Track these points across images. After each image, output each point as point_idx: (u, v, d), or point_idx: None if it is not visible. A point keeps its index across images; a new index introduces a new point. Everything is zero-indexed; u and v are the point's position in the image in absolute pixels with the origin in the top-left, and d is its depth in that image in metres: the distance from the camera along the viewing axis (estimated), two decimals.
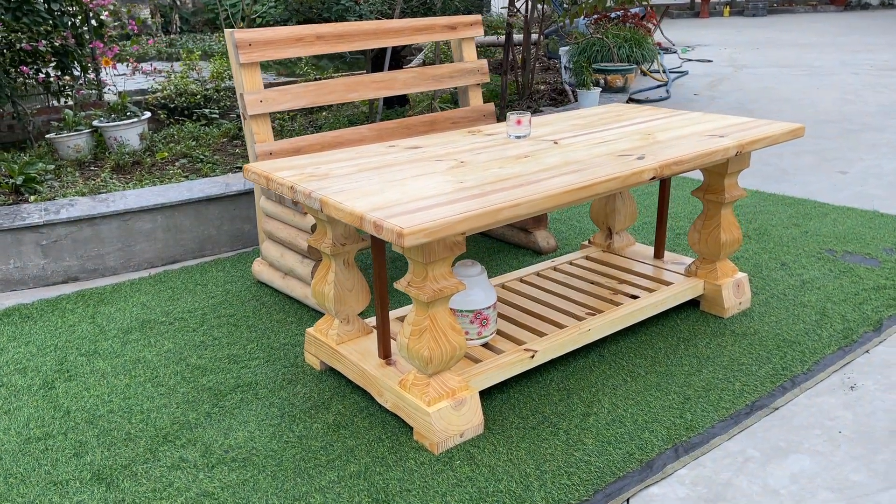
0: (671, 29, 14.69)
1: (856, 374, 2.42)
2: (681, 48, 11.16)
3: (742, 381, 2.37)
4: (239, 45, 2.89)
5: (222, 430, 2.17)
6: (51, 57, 5.72)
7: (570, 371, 2.46)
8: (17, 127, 5.87)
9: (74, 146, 4.99)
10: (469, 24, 3.55)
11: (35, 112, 5.82)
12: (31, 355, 2.64)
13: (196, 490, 1.92)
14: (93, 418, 2.25)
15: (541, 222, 3.50)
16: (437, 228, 1.76)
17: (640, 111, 3.05)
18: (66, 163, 4.78)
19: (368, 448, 2.08)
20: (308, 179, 2.15)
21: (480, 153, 2.41)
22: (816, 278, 3.10)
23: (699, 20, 17.20)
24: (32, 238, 3.18)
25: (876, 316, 2.76)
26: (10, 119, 5.78)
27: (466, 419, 2.11)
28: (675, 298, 2.74)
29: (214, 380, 2.45)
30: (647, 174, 2.20)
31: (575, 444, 2.08)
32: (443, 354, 2.05)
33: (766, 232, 3.64)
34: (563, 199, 2.00)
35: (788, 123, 2.68)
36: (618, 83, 5.64)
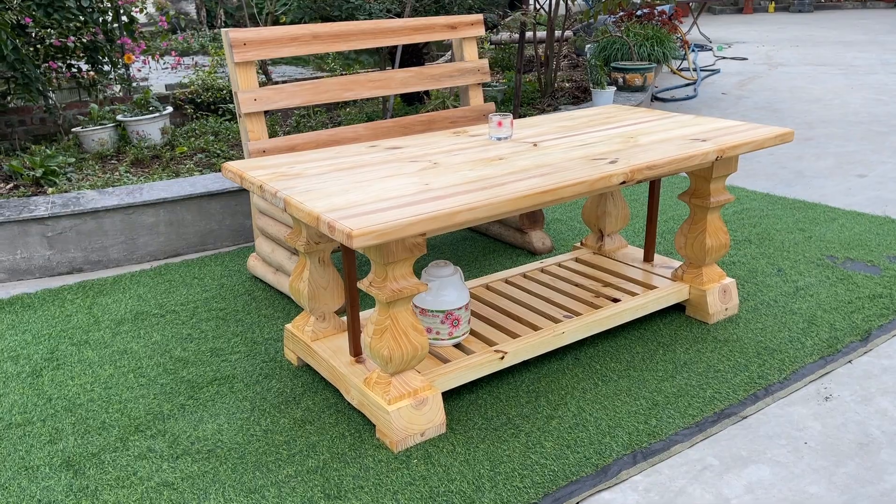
0: (712, 25, 14.44)
1: (833, 384, 2.38)
2: (717, 46, 10.97)
3: (714, 389, 2.34)
4: (233, 45, 2.95)
5: (193, 422, 2.23)
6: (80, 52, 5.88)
7: (543, 373, 2.46)
8: (48, 120, 6.05)
9: (99, 140, 5.13)
10: (470, 24, 3.56)
11: (65, 106, 5.99)
12: (26, 343, 2.74)
13: (157, 480, 1.98)
14: (72, 406, 2.33)
15: (536, 223, 3.50)
16: (388, 231, 1.78)
17: (632, 113, 3.03)
18: (89, 156, 4.92)
19: (330, 444, 2.12)
20: (278, 178, 2.19)
21: (457, 155, 2.43)
22: (811, 285, 3.04)
23: (742, 16, 16.87)
24: (38, 230, 3.29)
25: (865, 325, 2.70)
26: (42, 112, 5.96)
27: (427, 418, 2.14)
28: (657, 303, 2.72)
29: (194, 372, 2.51)
30: (616, 178, 2.19)
31: (534, 446, 2.09)
32: (403, 354, 2.07)
33: (769, 236, 3.58)
34: (523, 203, 2.01)
35: (776, 128, 2.64)
36: (637, 82, 5.59)
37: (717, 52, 10.31)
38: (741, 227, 3.72)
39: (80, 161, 4.81)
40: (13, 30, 5.48)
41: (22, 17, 5.54)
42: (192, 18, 12.31)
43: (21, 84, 5.49)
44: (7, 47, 5.24)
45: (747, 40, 11.81)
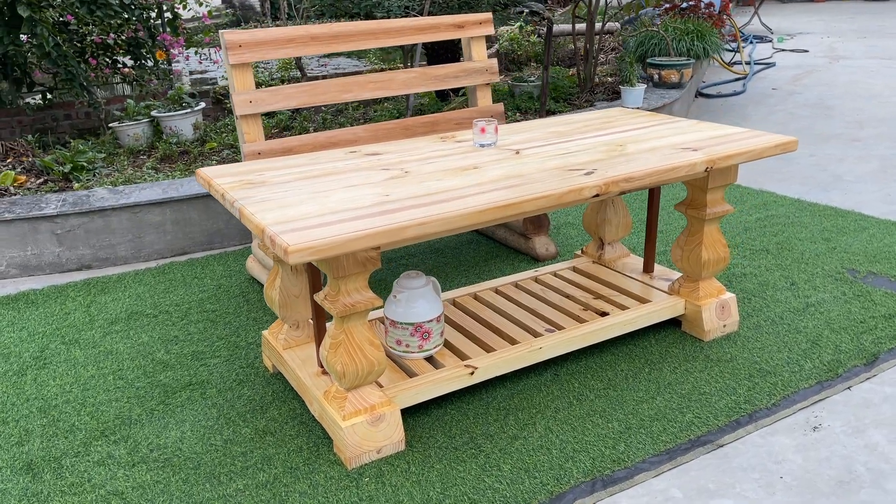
0: (778, 14, 13.88)
1: (826, 412, 2.23)
2: (777, 37, 10.53)
3: (695, 413, 2.22)
4: (229, 47, 2.94)
5: (157, 429, 2.24)
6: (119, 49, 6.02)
7: (518, 389, 2.38)
8: (93, 115, 6.20)
9: (133, 135, 5.24)
10: (478, 23, 3.47)
11: (108, 101, 6.14)
12: (20, 341, 2.80)
13: (109, 488, 1.99)
14: (47, 408, 2.37)
15: (541, 228, 3.40)
16: (326, 246, 1.74)
17: (634, 118, 2.90)
18: (122, 150, 5.03)
19: (286, 458, 2.09)
20: (243, 186, 2.16)
21: (432, 163, 2.36)
22: (824, 301, 2.87)
23: (813, 5, 16.16)
24: (48, 227, 3.37)
25: (873, 348, 2.53)
26: (87, 107, 6.11)
27: (385, 435, 2.09)
28: (648, 318, 2.61)
29: (172, 376, 2.52)
30: (588, 191, 2.09)
31: (491, 469, 2.02)
32: (358, 370, 2.03)
33: (789, 246, 3.39)
34: (479, 219, 1.93)
35: (778, 136, 2.49)
36: (673, 79, 5.39)
37: (777, 44, 9.90)
38: (761, 235, 3.54)
39: (111, 156, 4.92)
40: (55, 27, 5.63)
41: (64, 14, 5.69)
42: (256, 11, 12.48)
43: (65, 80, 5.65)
44: (49, 44, 5.39)
45: (813, 31, 11.30)
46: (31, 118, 5.94)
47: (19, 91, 6.03)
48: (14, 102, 5.49)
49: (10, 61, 5.65)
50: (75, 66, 5.67)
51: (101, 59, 5.87)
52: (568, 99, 6.15)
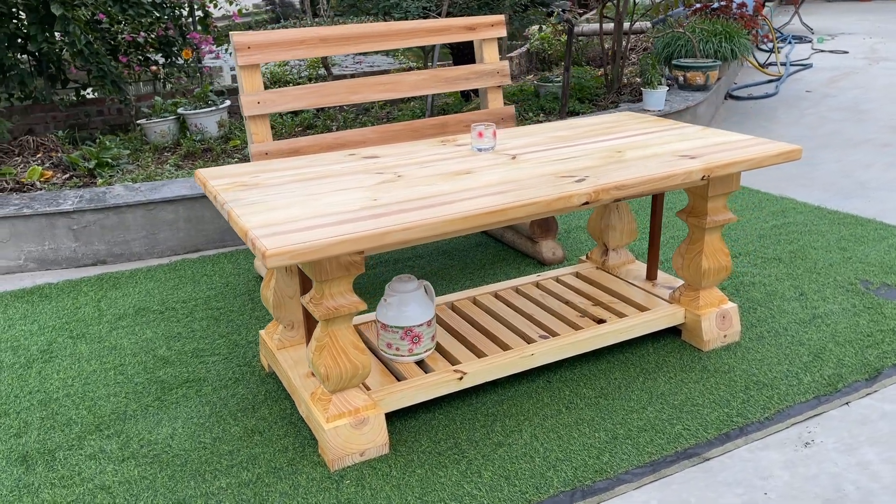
0: (822, 14, 13.57)
1: (820, 428, 2.18)
2: (817, 37, 10.29)
3: (685, 424, 2.19)
4: (237, 48, 2.98)
5: (150, 425, 2.28)
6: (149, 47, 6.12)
7: (508, 396, 2.37)
8: (125, 111, 6.33)
9: (160, 131, 5.34)
10: (490, 25, 3.46)
11: (138, 98, 6.26)
12: (31, 334, 2.87)
13: (97, 482, 2.03)
14: (48, 401, 2.43)
15: (548, 232, 3.38)
16: (305, 251, 1.75)
17: (640, 122, 2.86)
18: (148, 147, 5.13)
19: (271, 457, 2.12)
20: (236, 188, 2.19)
21: (428, 166, 2.37)
22: (832, 313, 2.80)
23: (858, 4, 15.75)
24: (65, 223, 3.45)
25: (877, 363, 2.47)
26: (118, 104, 6.24)
27: (368, 438, 2.10)
28: (646, 326, 2.58)
29: (170, 373, 2.57)
30: (577, 199, 2.08)
31: (472, 475, 2.02)
32: (342, 373, 2.04)
33: (803, 255, 3.32)
34: (463, 225, 1.93)
35: (783, 144, 2.44)
36: (698, 81, 5.30)
37: (816, 45, 9.68)
38: (776, 243, 3.47)
39: (136, 152, 5.02)
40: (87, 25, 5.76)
41: (96, 12, 5.81)
42: (296, 8, 12.61)
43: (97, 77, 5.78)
44: (80, 42, 5.52)
45: (855, 31, 11.02)
46: (64, 114, 6.09)
47: (54, 87, 6.18)
48: (49, 98, 5.62)
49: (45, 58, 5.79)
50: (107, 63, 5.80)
51: (132, 57, 5.99)
52: (594, 100, 6.09)
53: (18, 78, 5.55)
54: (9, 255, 3.45)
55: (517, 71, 8.09)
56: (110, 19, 5.98)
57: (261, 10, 12.34)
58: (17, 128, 6.11)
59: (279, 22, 11.89)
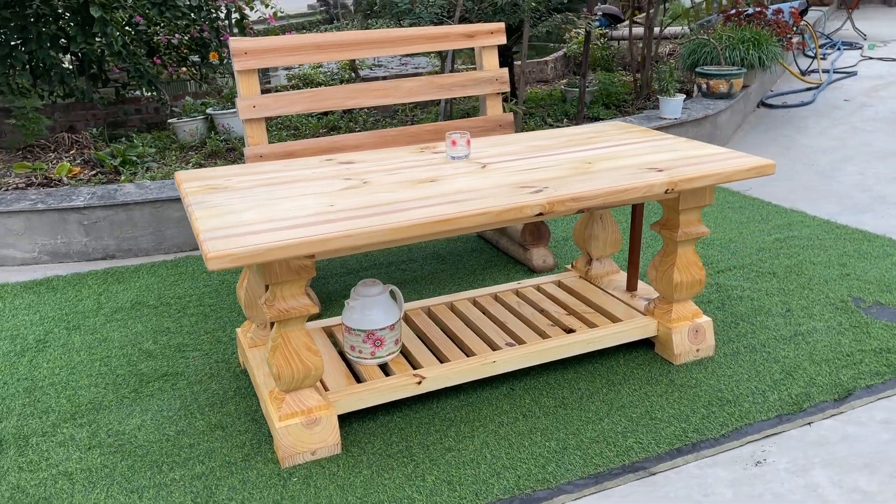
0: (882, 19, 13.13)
1: (775, 447, 2.15)
2: (868, 44, 9.98)
3: (638, 437, 2.19)
4: (234, 54, 3.07)
5: (122, 416, 2.38)
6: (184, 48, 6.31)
7: (469, 401, 2.40)
8: (161, 110, 6.53)
9: (189, 131, 5.51)
10: (489, 33, 3.49)
11: (173, 97, 6.45)
12: (31, 324, 3.02)
13: (61, 468, 2.14)
14: (33, 388, 2.55)
15: (540, 239, 3.39)
16: (246, 255, 1.82)
17: (624, 133, 2.86)
18: (175, 145, 5.30)
19: (227, 452, 2.19)
20: (206, 191, 2.27)
21: (396, 173, 2.41)
22: (815, 331, 2.75)
23: None
24: (76, 218, 3.60)
25: (850, 384, 2.41)
26: (155, 103, 6.44)
27: (320, 438, 2.15)
28: (615, 338, 2.57)
29: (151, 366, 2.67)
30: (530, 210, 2.10)
31: (415, 479, 2.05)
32: (294, 373, 2.10)
33: (799, 270, 3.26)
34: (408, 233, 1.97)
35: (756, 159, 2.41)
36: (721, 88, 5.22)
37: (867, 52, 9.39)
38: (773, 257, 3.41)
39: (163, 151, 5.19)
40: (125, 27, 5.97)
41: (134, 15, 6.01)
42: (349, 9, 12.78)
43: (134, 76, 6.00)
44: (118, 43, 5.73)
45: None
46: (104, 112, 6.31)
47: (96, 86, 6.42)
48: (90, 97, 5.85)
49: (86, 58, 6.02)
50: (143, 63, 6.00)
51: (167, 58, 6.18)
52: (621, 106, 6.05)
53: (59, 77, 5.80)
54: (24, 247, 3.61)
55: (552, 75, 8.07)
56: (148, 21, 6.18)
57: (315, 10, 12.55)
58: (59, 125, 6.36)
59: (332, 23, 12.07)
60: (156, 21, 6.32)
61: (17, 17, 5.49)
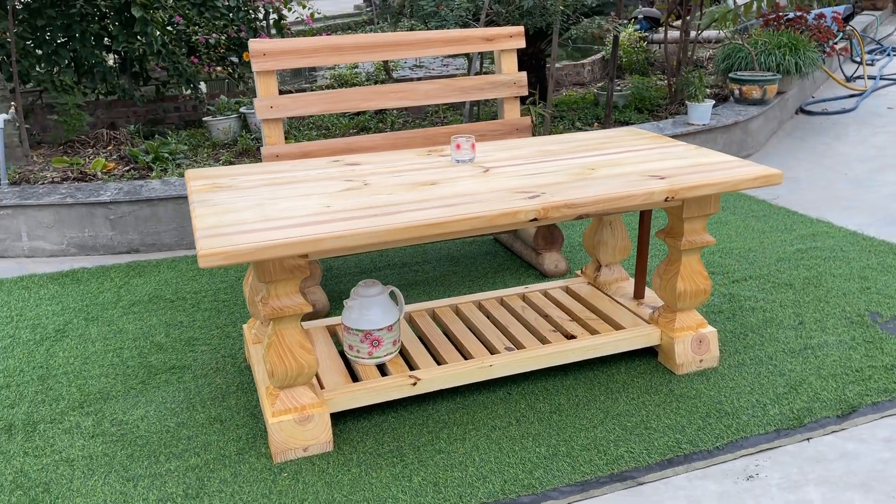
0: None
1: (770, 462, 2.11)
2: None
3: (630, 446, 2.18)
4: (253, 55, 3.13)
5: (127, 406, 2.45)
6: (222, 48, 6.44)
7: (466, 404, 2.41)
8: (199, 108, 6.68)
9: (223, 129, 5.62)
10: (508, 36, 3.49)
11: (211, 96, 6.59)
12: (53, 314, 3.12)
13: (64, 455, 2.21)
14: (47, 376, 2.64)
15: (553, 244, 3.38)
16: (237, 253, 1.86)
17: (636, 139, 2.83)
18: (208, 143, 5.41)
19: (223, 445, 2.24)
20: (211, 190, 2.33)
21: (399, 176, 2.43)
22: (826, 345, 2.69)
23: None
24: (103, 212, 3.71)
25: (855, 400, 2.36)
26: (193, 101, 6.58)
27: (312, 435, 2.19)
28: (616, 345, 2.55)
29: (161, 359, 2.74)
30: (524, 215, 2.10)
31: (403, 479, 2.07)
32: (287, 370, 2.14)
33: (818, 282, 3.19)
34: (397, 236, 1.99)
35: (763, 169, 2.37)
36: (754, 94, 5.12)
37: None
38: (793, 268, 3.34)
39: (196, 148, 5.31)
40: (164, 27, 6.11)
41: (174, 15, 6.16)
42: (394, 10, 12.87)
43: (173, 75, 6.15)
44: (157, 42, 5.88)
45: None
46: (144, 109, 6.47)
47: (137, 84, 6.60)
48: (132, 94, 6.02)
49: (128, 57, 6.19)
50: (182, 62, 6.14)
51: (204, 57, 6.31)
52: (654, 110, 5.99)
53: (101, 75, 5.97)
54: (53, 239, 3.74)
55: (589, 78, 8.02)
56: (187, 21, 6.32)
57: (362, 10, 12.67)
58: (101, 121, 6.54)
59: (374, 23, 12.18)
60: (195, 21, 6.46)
61: (62, 15, 5.67)
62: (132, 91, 6.17)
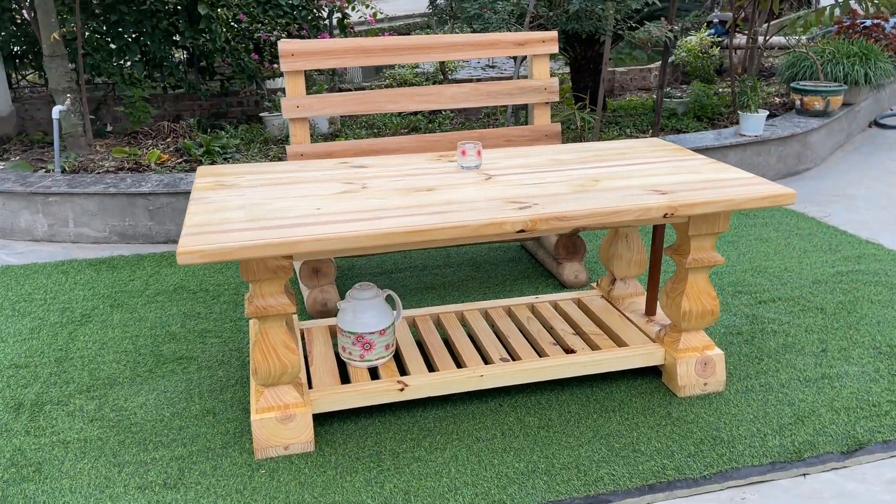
0: None
1: (758, 496, 2.01)
2: None
3: (612, 469, 2.11)
4: (282, 55, 3.18)
5: (130, 393, 2.53)
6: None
7: (454, 413, 2.39)
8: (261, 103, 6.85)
9: (278, 125, 5.75)
10: (541, 41, 3.44)
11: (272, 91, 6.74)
12: (83, 299, 3.25)
13: (61, 436, 2.30)
14: (63, 359, 2.75)
15: (575, 254, 3.31)
16: (214, 253, 1.89)
17: (655, 151, 2.74)
18: (262, 138, 5.55)
19: (210, 438, 2.29)
20: (214, 188, 2.38)
21: (399, 180, 2.43)
22: (845, 375, 2.55)
23: None
24: (143, 203, 3.85)
25: (864, 437, 2.22)
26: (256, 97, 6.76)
27: (293, 434, 2.21)
28: (616, 363, 2.48)
29: (172, 348, 2.82)
30: (511, 226, 2.06)
31: (374, 485, 2.07)
32: (270, 369, 2.17)
33: (852, 308, 3.02)
34: (379, 241, 1.99)
35: (775, 187, 2.26)
36: (816, 106, 4.89)
37: None
38: (828, 291, 3.17)
39: (249, 143, 5.44)
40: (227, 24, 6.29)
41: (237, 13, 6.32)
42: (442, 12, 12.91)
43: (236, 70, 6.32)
44: (220, 39, 6.05)
45: None
46: (208, 103, 6.66)
47: (204, 79, 6.81)
48: (198, 88, 6.23)
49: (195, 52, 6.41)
50: (244, 59, 6.31)
51: (265, 54, 6.45)
52: (714, 119, 5.81)
53: (168, 69, 6.19)
54: (97, 226, 3.90)
55: (656, 83, 7.83)
56: (251, 19, 6.48)
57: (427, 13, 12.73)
58: (168, 113, 6.77)
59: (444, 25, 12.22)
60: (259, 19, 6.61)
61: (133, 12, 5.91)
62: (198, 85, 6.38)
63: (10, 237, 3.98)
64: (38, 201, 3.88)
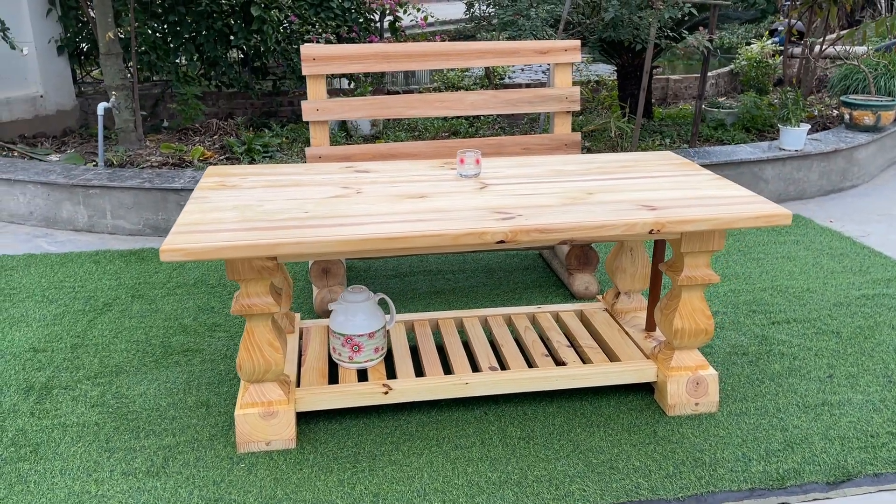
0: None
1: None
2: None
3: (584, 485, 2.10)
4: (304, 59, 3.26)
5: (133, 382, 2.64)
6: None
7: (438, 419, 2.41)
8: None
9: None
10: (563, 50, 3.42)
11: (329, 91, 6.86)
12: (108, 288, 3.40)
13: (62, 419, 2.41)
14: (80, 344, 2.88)
15: (587, 265, 3.28)
16: (196, 252, 1.96)
17: (662, 164, 2.70)
18: (305, 138, 5.66)
19: (199, 430, 2.36)
20: (213, 187, 2.46)
21: (395, 186, 2.46)
22: (848, 403, 2.46)
23: None
24: (175, 198, 3.98)
25: (854, 468, 2.15)
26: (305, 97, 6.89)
27: (275, 431, 2.27)
28: (605, 377, 2.46)
29: (180, 340, 2.92)
30: (490, 237, 2.07)
31: (345, 486, 2.11)
32: (254, 366, 2.23)
33: (870, 334, 2.91)
34: (356, 247, 2.02)
35: (770, 207, 2.20)
36: (866, 121, 4.71)
37: None
38: (848, 315, 3.06)
39: (291, 142, 5.57)
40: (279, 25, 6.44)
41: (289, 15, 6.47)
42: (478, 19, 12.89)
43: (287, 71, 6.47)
44: (271, 40, 6.21)
45: None
46: (260, 102, 6.84)
47: (257, 79, 7.00)
48: (251, 88, 6.41)
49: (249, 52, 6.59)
50: (294, 59, 6.45)
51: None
52: (763, 130, 5.66)
53: (223, 68, 6.39)
54: (132, 219, 4.06)
55: (712, 92, 7.66)
56: (302, 21, 6.62)
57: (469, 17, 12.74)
58: (222, 111, 6.97)
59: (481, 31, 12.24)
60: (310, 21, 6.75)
61: (191, 13, 6.11)
62: (252, 84, 6.56)
63: (54, 226, 4.17)
64: (79, 193, 4.06)
